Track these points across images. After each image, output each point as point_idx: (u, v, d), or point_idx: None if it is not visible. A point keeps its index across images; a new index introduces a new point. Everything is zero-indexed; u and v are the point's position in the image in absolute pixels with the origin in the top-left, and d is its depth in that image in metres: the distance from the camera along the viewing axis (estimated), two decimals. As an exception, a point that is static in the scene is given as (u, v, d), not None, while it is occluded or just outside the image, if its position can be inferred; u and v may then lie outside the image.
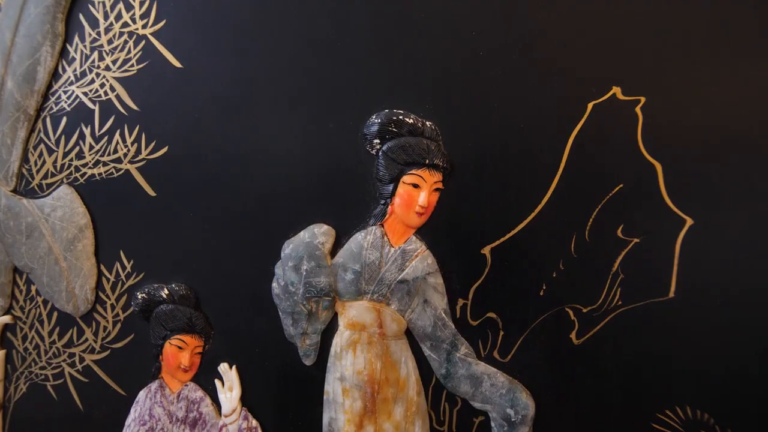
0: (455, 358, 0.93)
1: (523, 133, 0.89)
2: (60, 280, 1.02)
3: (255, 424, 1.00)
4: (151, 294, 0.99)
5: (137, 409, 1.03)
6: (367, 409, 0.95)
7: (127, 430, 1.04)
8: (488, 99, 0.90)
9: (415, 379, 0.96)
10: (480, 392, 0.93)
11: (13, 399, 1.10)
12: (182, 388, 1.02)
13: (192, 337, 0.99)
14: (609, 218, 0.89)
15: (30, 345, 1.08)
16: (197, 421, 1.01)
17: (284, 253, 0.96)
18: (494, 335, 0.94)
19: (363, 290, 0.94)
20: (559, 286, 0.91)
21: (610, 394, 0.91)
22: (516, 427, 0.93)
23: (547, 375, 0.93)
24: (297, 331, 0.96)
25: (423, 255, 0.93)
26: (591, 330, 0.91)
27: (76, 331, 1.05)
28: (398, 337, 0.95)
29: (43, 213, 1.01)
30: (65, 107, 1.02)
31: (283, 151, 0.96)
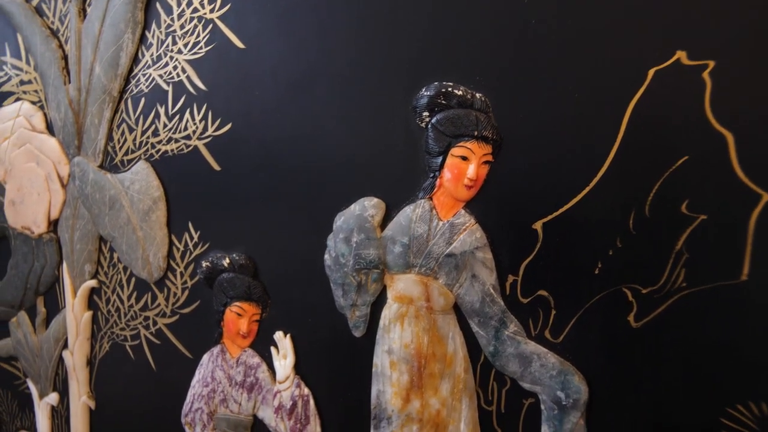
0: (504, 336, 0.91)
1: (578, 103, 0.85)
2: (137, 248, 1.11)
3: (307, 392, 1.03)
4: (215, 263, 1.06)
5: (201, 372, 1.10)
6: (413, 384, 0.95)
7: (192, 390, 1.11)
8: (541, 69, 0.87)
9: (463, 356, 0.94)
10: (529, 372, 0.90)
11: (98, 357, 1.21)
12: (241, 353, 1.07)
13: (250, 304, 1.04)
14: (672, 193, 0.83)
15: (112, 308, 1.18)
16: (254, 386, 1.06)
17: (336, 226, 0.98)
18: (546, 314, 0.90)
19: (411, 263, 0.94)
20: (616, 264, 0.86)
21: (672, 385, 0.85)
22: (567, 412, 0.89)
23: (602, 359, 0.88)
24: (347, 302, 0.98)
25: (471, 229, 0.91)
26: (651, 313, 0.85)
27: (150, 296, 1.14)
28: (446, 311, 0.94)
29: (124, 186, 1.11)
30: (144, 89, 1.10)
31: (336, 127, 0.98)
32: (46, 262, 1.20)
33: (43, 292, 1.23)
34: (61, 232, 1.19)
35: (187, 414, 1.11)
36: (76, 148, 1.16)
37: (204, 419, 1.09)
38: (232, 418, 1.08)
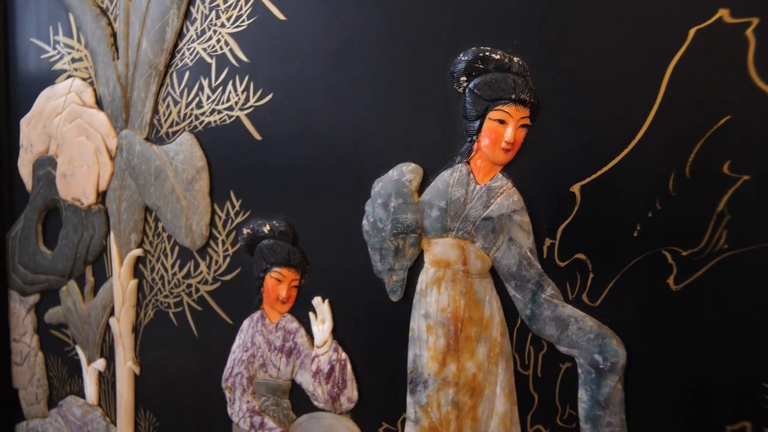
0: (540, 299, 0.92)
1: (617, 65, 0.85)
2: (180, 217, 1.15)
3: (344, 357, 1.05)
4: (255, 230, 1.09)
5: (241, 337, 1.13)
6: (450, 347, 0.96)
7: (233, 356, 1.14)
8: (579, 30, 0.87)
9: (499, 320, 0.95)
10: (566, 336, 0.90)
11: (142, 323, 1.25)
12: (280, 318, 1.10)
13: (289, 270, 1.07)
14: (713, 153, 0.82)
15: (156, 276, 1.22)
16: (292, 350, 1.09)
17: (374, 191, 1.00)
18: (583, 278, 0.90)
19: (448, 227, 0.95)
20: (655, 226, 0.85)
21: (712, 349, 0.84)
22: (605, 376, 0.88)
23: (641, 323, 0.87)
24: (384, 267, 1.00)
25: (509, 192, 0.92)
26: (691, 276, 0.84)
27: (192, 264, 1.18)
28: (483, 275, 0.95)
29: (168, 157, 1.15)
30: (188, 63, 1.14)
31: (374, 95, 1.00)
32: (95, 232, 1.25)
33: (91, 261, 1.29)
34: (108, 203, 1.24)
35: (227, 378, 1.15)
36: (124, 121, 1.20)
37: (244, 384, 1.12)
38: (270, 383, 1.11)
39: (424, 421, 0.99)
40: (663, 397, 0.87)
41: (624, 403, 0.89)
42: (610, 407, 0.89)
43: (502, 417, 0.96)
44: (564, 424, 0.93)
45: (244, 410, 1.12)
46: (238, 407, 1.13)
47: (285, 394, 1.11)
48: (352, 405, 1.05)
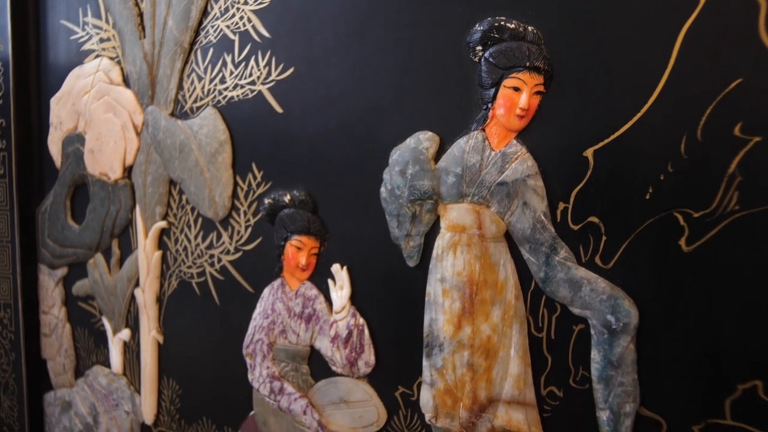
0: (554, 262, 0.94)
1: (629, 30, 0.88)
2: (204, 188, 1.19)
3: (362, 322, 1.08)
4: (276, 199, 1.12)
5: (262, 304, 1.17)
6: (465, 310, 0.99)
7: (253, 323, 1.18)
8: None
9: (514, 283, 0.98)
10: (579, 297, 0.93)
11: (166, 294, 1.29)
12: (300, 286, 1.13)
13: (309, 238, 1.10)
14: (725, 116, 0.84)
15: (180, 247, 1.27)
16: (311, 316, 1.12)
17: (392, 159, 1.03)
18: (596, 240, 0.92)
19: (464, 193, 0.98)
20: (667, 189, 0.87)
21: (724, 310, 0.85)
22: (617, 336, 0.90)
23: (653, 284, 0.89)
24: (401, 233, 1.03)
25: (523, 157, 0.95)
26: (703, 237, 0.86)
27: (215, 235, 1.22)
28: (497, 239, 0.97)
29: (192, 131, 1.19)
30: (212, 40, 1.18)
31: (392, 66, 1.03)
32: (121, 205, 1.29)
33: (117, 234, 1.33)
34: (134, 177, 1.29)
35: (248, 345, 1.18)
36: (150, 98, 1.25)
37: (264, 350, 1.16)
38: (290, 349, 1.14)
39: (439, 384, 1.02)
40: (675, 356, 0.89)
41: (636, 363, 0.91)
42: (623, 367, 0.91)
43: (516, 378, 0.98)
44: (577, 385, 0.95)
45: (264, 376, 1.16)
46: (258, 373, 1.17)
47: (304, 359, 1.14)
48: (369, 369, 1.08)
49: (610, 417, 0.92)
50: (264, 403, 1.17)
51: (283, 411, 1.15)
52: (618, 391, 0.91)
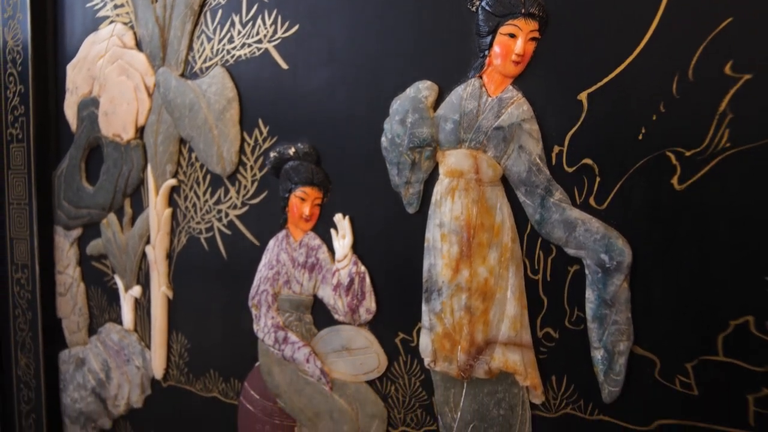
0: (549, 203, 0.96)
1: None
2: (212, 145, 1.23)
3: (363, 270, 1.11)
4: (281, 152, 1.16)
5: (267, 256, 1.20)
6: (463, 254, 1.01)
7: (259, 274, 1.21)
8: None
9: (510, 226, 1.00)
10: (574, 237, 0.95)
11: (176, 250, 1.33)
12: (303, 236, 1.16)
13: (313, 188, 1.13)
14: (716, 55, 0.86)
15: (189, 204, 1.31)
16: (314, 265, 1.15)
17: (392, 109, 1.06)
18: (590, 182, 0.94)
19: (461, 138, 1.01)
20: (659, 129, 0.89)
21: (717, 249, 0.87)
22: (611, 274, 0.92)
23: (646, 223, 0.91)
24: (401, 180, 1.06)
25: (519, 102, 0.97)
26: (695, 175, 0.88)
27: (223, 190, 1.26)
28: (494, 183, 1.00)
29: (202, 90, 1.23)
30: (221, 1, 1.23)
31: (392, 20, 1.06)
32: (133, 165, 1.34)
33: (130, 193, 1.38)
34: (146, 137, 1.33)
35: (253, 297, 1.22)
36: (161, 60, 1.29)
37: (269, 300, 1.19)
38: (294, 299, 1.18)
39: (438, 328, 1.04)
40: (667, 294, 0.90)
41: (630, 302, 0.93)
42: (616, 305, 0.93)
43: (512, 320, 1.00)
44: (572, 326, 0.97)
45: (269, 326, 1.19)
46: (263, 323, 1.20)
47: (307, 309, 1.17)
48: (370, 316, 1.11)
49: (604, 356, 0.94)
50: (268, 354, 1.21)
51: (287, 360, 1.18)
52: (612, 329, 0.93)
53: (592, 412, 0.97)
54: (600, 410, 0.96)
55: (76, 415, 1.51)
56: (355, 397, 1.13)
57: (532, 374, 1.00)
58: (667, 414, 0.92)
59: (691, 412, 0.90)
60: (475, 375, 1.02)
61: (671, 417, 0.92)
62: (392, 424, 1.13)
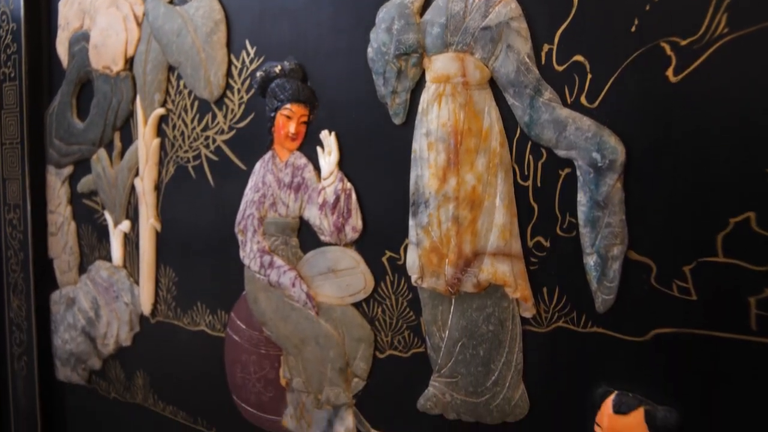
0: (538, 104, 0.92)
1: None
2: (199, 69, 1.21)
3: (349, 187, 1.08)
4: (267, 71, 1.13)
5: (253, 179, 1.18)
6: (450, 162, 0.98)
7: (245, 198, 1.19)
8: None
9: (499, 130, 0.96)
10: (564, 137, 0.90)
11: (164, 181, 1.32)
12: (289, 156, 1.13)
13: (299, 106, 1.11)
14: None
15: (177, 132, 1.29)
16: (300, 185, 1.12)
17: (378, 18, 1.03)
18: (581, 80, 0.90)
19: (448, 42, 0.97)
20: (653, 19, 0.85)
21: (713, 141, 0.82)
22: (603, 174, 0.88)
23: (640, 119, 0.86)
24: (387, 90, 1.03)
25: (506, 1, 0.93)
26: (691, 65, 0.83)
27: (210, 116, 1.24)
28: (481, 86, 0.96)
29: (189, 14, 1.21)
30: (208, -76, 1.22)
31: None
32: (123, 97, 1.33)
33: (119, 126, 1.36)
34: (135, 68, 1.32)
35: (239, 222, 1.19)
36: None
37: (255, 225, 1.16)
38: (280, 222, 1.15)
39: (425, 242, 1.01)
40: (663, 194, 0.86)
41: (624, 203, 0.88)
42: (609, 207, 0.88)
43: (501, 229, 0.96)
44: (564, 233, 0.93)
45: (254, 251, 1.16)
46: (249, 248, 1.17)
47: (293, 232, 1.14)
48: (356, 235, 1.07)
49: (597, 261, 0.89)
50: (254, 281, 1.18)
51: (273, 286, 1.15)
52: (605, 232, 0.88)
53: (585, 325, 0.92)
54: (593, 322, 0.91)
55: (67, 357, 1.50)
56: (341, 321, 1.10)
57: (522, 286, 0.95)
58: (664, 322, 0.87)
59: (689, 319, 0.85)
60: (463, 289, 0.98)
61: (668, 325, 0.87)
62: (379, 349, 1.09)
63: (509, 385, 0.98)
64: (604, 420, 0.90)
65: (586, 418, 0.92)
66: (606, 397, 0.90)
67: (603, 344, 0.91)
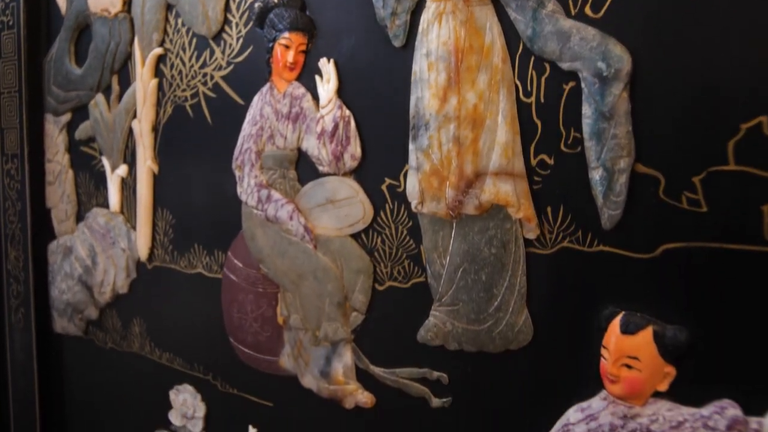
0: (541, 16, 0.89)
1: None
2: (197, 5, 1.20)
3: (348, 114, 1.05)
4: (265, 1, 1.12)
5: (251, 112, 1.16)
6: (451, 81, 0.95)
7: (242, 133, 1.17)
8: None
9: (500, 46, 0.93)
10: (568, 48, 0.87)
11: (162, 122, 1.30)
12: (288, 86, 1.11)
13: (297, 34, 1.08)
14: None
15: (175, 71, 1.27)
16: (298, 115, 1.10)
17: (379, -61, 1.01)
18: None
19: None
20: None
21: (723, 45, 0.78)
22: (608, 84, 0.85)
23: (647, 27, 0.83)
24: (387, 12, 1.00)
25: None
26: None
27: (208, 52, 1.22)
28: (483, 2, 0.93)
29: (187, -50, 1.20)
30: None
31: None
32: (121, 39, 1.31)
33: (117, 69, 1.35)
34: (133, 9, 1.31)
35: (237, 158, 1.17)
36: (150, -76, 1.27)
37: (252, 159, 1.14)
38: (278, 154, 1.12)
39: (425, 166, 0.98)
40: (671, 103, 0.82)
41: (630, 114, 0.85)
42: (615, 118, 0.85)
43: (503, 147, 0.93)
44: (569, 149, 0.90)
45: (252, 185, 1.14)
46: (246, 183, 1.15)
47: (291, 164, 1.12)
48: (355, 163, 1.05)
49: (603, 175, 0.86)
50: (251, 217, 1.15)
51: (270, 221, 1.12)
52: (611, 145, 0.85)
53: (590, 244, 0.89)
54: (600, 240, 0.88)
55: (64, 307, 1.48)
56: (339, 252, 1.07)
57: (526, 205, 0.92)
58: (673, 237, 0.83)
59: (699, 231, 0.81)
60: (464, 212, 0.95)
61: (678, 240, 0.83)
62: (378, 280, 1.06)
63: (512, 310, 0.95)
64: (611, 342, 0.86)
65: (592, 342, 0.88)
66: (613, 319, 0.87)
67: (609, 263, 0.88)
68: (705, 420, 0.81)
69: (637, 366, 0.84)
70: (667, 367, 0.83)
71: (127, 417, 1.47)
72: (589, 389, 0.89)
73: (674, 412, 0.84)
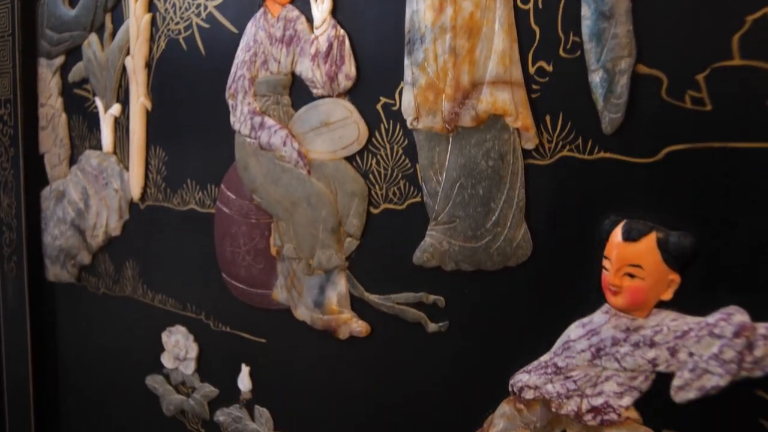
0: None
1: None
2: (191, -67, 1.18)
3: (342, 33, 1.02)
4: (259, -76, 1.10)
5: (244, 39, 1.13)
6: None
7: (236, 60, 1.14)
8: None
9: (498, -49, 0.91)
10: (567, -52, 0.85)
11: (155, 58, 1.28)
12: (282, 10, 1.09)
13: (290, -45, 1.06)
14: None
15: (169, 5, 1.25)
16: (292, 38, 1.07)
17: None
18: None
19: None
20: None
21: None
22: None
23: None
24: (382, -75, 0.98)
25: None
26: None
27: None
28: None
29: None
30: None
31: None
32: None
33: (111, 7, 1.33)
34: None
35: (230, 86, 1.14)
36: None
37: (245, 86, 1.12)
38: (271, 79, 1.10)
39: (421, 80, 0.95)
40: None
41: (631, 13, 0.82)
42: (615, 17, 0.82)
43: (500, 55, 0.90)
44: (568, 54, 0.86)
45: (245, 113, 1.11)
46: (239, 111, 1.13)
47: (285, 89, 1.09)
48: (350, 83, 1.02)
49: (603, 77, 0.83)
50: (244, 146, 1.13)
51: (264, 148, 1.10)
52: (611, 44, 0.82)
53: (591, 151, 0.86)
54: (601, 146, 0.85)
55: (56, 254, 1.46)
56: (333, 176, 1.04)
57: (524, 114, 0.89)
58: (677, 139, 0.80)
59: (704, 131, 0.78)
60: (461, 124, 0.93)
61: (682, 141, 0.80)
62: (373, 203, 1.03)
63: (510, 224, 0.92)
64: (612, 251, 0.83)
65: (593, 254, 0.85)
66: (614, 228, 0.83)
67: (611, 170, 0.84)
68: (711, 327, 0.78)
69: (640, 275, 0.81)
70: (672, 275, 0.80)
71: (120, 363, 1.44)
72: (590, 304, 0.86)
73: (679, 321, 0.80)
